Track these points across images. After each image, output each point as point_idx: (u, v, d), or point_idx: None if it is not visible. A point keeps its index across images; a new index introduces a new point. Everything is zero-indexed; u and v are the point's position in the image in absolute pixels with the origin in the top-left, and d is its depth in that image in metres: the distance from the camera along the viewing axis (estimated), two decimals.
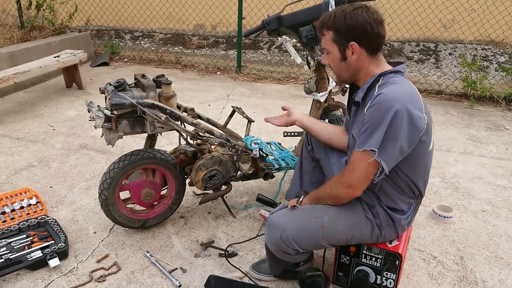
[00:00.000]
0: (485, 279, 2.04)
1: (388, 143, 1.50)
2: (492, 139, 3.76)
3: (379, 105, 1.51)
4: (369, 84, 1.62)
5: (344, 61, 1.65)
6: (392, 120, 1.47)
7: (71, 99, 4.63)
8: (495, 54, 5.99)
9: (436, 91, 5.05)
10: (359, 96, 1.66)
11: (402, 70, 1.64)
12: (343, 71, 1.69)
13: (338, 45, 1.63)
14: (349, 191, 1.62)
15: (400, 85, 1.56)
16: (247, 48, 6.89)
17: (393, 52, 6.30)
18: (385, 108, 1.49)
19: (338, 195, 1.66)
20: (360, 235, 1.73)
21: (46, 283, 1.96)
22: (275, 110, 4.28)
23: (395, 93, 1.51)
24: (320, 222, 1.68)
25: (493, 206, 2.68)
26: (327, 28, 1.63)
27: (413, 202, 1.75)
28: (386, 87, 1.55)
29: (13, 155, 3.27)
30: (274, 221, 1.72)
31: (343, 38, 1.60)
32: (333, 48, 1.65)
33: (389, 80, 1.59)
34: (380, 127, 1.49)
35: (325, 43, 1.67)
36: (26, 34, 6.17)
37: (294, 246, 1.68)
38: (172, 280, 1.97)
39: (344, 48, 1.62)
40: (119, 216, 2.22)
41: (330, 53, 1.68)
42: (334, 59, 1.68)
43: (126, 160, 2.13)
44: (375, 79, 1.61)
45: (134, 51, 6.70)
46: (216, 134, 2.32)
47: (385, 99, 1.50)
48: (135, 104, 2.00)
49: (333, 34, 1.62)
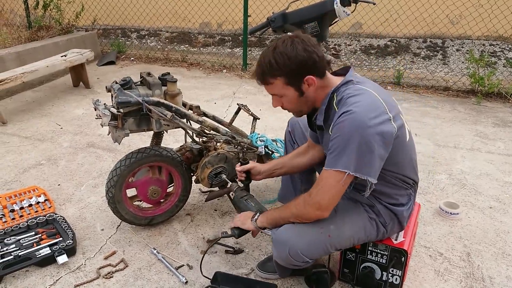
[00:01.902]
0: (492, 275, 2.03)
1: (366, 158, 1.46)
2: (500, 135, 3.73)
3: (343, 127, 1.46)
4: (326, 105, 1.60)
5: (301, 97, 1.61)
6: (361, 138, 1.44)
7: (78, 98, 4.66)
8: (503, 50, 5.93)
9: (443, 88, 5.01)
10: (319, 120, 1.63)
11: (351, 78, 1.60)
12: (303, 106, 1.66)
13: (293, 85, 1.58)
14: (318, 213, 1.58)
15: (356, 97, 1.51)
16: (253, 46, 6.89)
17: (400, 49, 6.27)
18: (350, 130, 1.45)
19: (307, 216, 1.62)
20: (366, 236, 1.73)
21: (55, 279, 1.99)
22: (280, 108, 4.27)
23: (354, 109, 1.46)
24: (327, 232, 1.65)
25: (500, 203, 2.66)
26: (273, 76, 1.57)
27: (411, 192, 1.76)
28: (345, 104, 1.51)
29: (21, 154, 3.30)
30: (281, 237, 1.67)
31: (296, 77, 1.56)
32: (287, 91, 1.60)
33: (344, 94, 1.55)
34: (348, 147, 1.45)
35: (274, 89, 1.62)
36: (34, 33, 6.22)
37: (304, 259, 1.66)
38: (178, 276, 1.98)
39: (300, 85, 1.58)
40: (126, 214, 2.24)
41: (283, 96, 1.63)
42: (290, 100, 1.63)
43: (133, 157, 2.15)
44: (329, 97, 1.59)
45: (140, 50, 6.73)
46: (221, 132, 2.32)
47: (347, 121, 1.46)
48: (141, 102, 2.02)
49: (284, 78, 1.56)
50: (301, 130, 2.15)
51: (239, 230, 1.81)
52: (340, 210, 1.69)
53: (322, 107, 1.62)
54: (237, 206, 1.98)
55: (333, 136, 1.50)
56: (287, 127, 2.22)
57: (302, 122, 2.16)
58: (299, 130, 2.16)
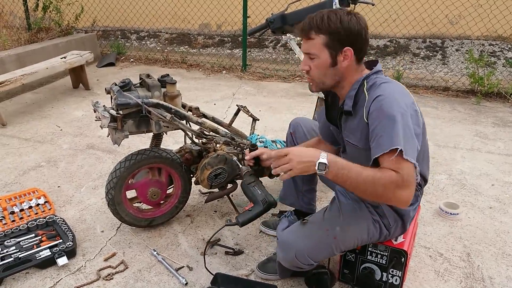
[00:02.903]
0: (492, 276, 2.03)
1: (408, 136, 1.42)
2: (500, 135, 3.73)
3: (382, 109, 1.45)
4: (356, 90, 1.58)
5: (332, 67, 1.57)
6: (403, 118, 1.42)
7: (78, 100, 4.66)
8: (503, 50, 5.94)
9: (443, 88, 5.02)
10: (348, 105, 1.59)
11: (381, 69, 1.62)
12: (328, 77, 1.60)
13: (330, 49, 1.54)
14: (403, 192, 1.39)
15: (388, 84, 1.53)
16: (252, 46, 6.90)
17: (400, 49, 6.27)
18: (390, 111, 1.43)
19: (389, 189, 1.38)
20: (369, 238, 1.73)
21: (55, 281, 1.99)
22: (280, 109, 4.28)
23: (390, 92, 1.48)
24: (333, 234, 1.64)
25: (500, 203, 2.66)
26: (318, 31, 1.53)
27: (419, 193, 1.76)
28: (378, 89, 1.51)
29: (21, 156, 3.30)
30: (287, 240, 1.67)
31: (338, 42, 1.52)
32: (322, 53, 1.55)
33: (376, 81, 1.56)
34: (394, 129, 1.40)
35: (311, 47, 1.56)
36: (33, 35, 6.23)
37: (310, 262, 1.66)
38: (178, 278, 1.98)
39: (336, 53, 1.54)
40: (126, 215, 2.24)
41: (316, 58, 1.57)
42: (320, 65, 1.57)
43: (132, 159, 2.15)
44: (360, 83, 1.58)
45: (140, 51, 6.73)
46: (221, 133, 2.33)
47: (386, 102, 1.45)
48: (140, 104, 2.02)
49: (326, 38, 1.52)
50: (303, 132, 2.14)
51: (243, 218, 1.75)
52: (345, 212, 1.69)
53: (352, 92, 1.59)
54: (244, 192, 1.92)
55: (374, 123, 1.46)
56: (289, 129, 2.21)
57: (304, 125, 2.15)
58: (301, 133, 2.15)
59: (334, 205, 1.74)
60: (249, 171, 1.94)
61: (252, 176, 1.92)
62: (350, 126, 1.64)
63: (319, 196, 2.63)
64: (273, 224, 2.35)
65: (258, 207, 1.76)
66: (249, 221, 1.76)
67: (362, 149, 1.58)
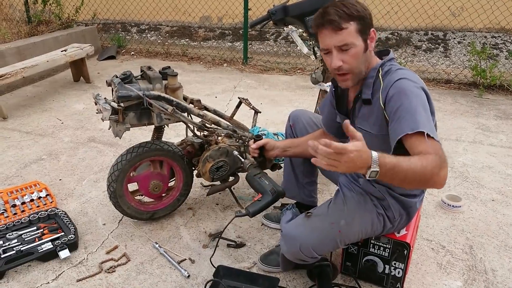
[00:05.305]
0: (495, 268, 2.03)
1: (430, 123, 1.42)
2: (502, 128, 3.71)
3: (403, 91, 1.45)
4: (373, 79, 1.57)
5: (365, 53, 1.55)
6: (422, 99, 1.45)
7: (78, 93, 4.65)
8: (505, 42, 5.90)
9: (445, 80, 4.99)
10: (367, 94, 1.58)
11: (393, 57, 1.63)
12: (363, 65, 1.56)
13: (363, 35, 1.52)
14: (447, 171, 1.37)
15: (403, 70, 1.54)
16: (253, 39, 6.86)
17: (401, 42, 6.23)
18: (411, 91, 1.44)
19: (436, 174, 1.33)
20: (373, 231, 1.72)
21: (57, 274, 1.99)
22: (282, 102, 4.27)
23: (407, 76, 1.49)
24: (338, 227, 1.63)
25: (503, 195, 2.65)
26: (350, 19, 1.48)
27: None
28: (395, 73, 1.52)
29: (22, 149, 3.30)
30: (292, 233, 1.66)
31: (367, 26, 1.52)
32: (358, 40, 1.51)
33: (391, 67, 1.56)
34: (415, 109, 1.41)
35: (346, 37, 1.50)
36: (33, 28, 6.20)
37: (314, 255, 1.66)
38: (180, 270, 1.99)
39: (367, 37, 1.54)
40: (128, 208, 2.24)
41: (352, 48, 1.51)
42: (357, 53, 1.52)
43: (134, 152, 2.14)
44: (376, 71, 1.58)
45: (140, 44, 6.70)
46: (222, 126, 2.32)
47: (406, 86, 1.46)
48: (142, 96, 2.01)
49: (358, 24, 1.50)
50: (303, 124, 2.12)
51: (254, 208, 1.73)
52: (350, 205, 1.68)
53: (369, 80, 1.59)
54: (251, 184, 1.90)
55: (393, 105, 1.46)
56: (288, 121, 2.20)
57: (304, 117, 2.14)
58: (301, 125, 2.13)
59: (338, 198, 1.73)
60: (252, 164, 1.93)
61: (257, 168, 1.91)
62: (363, 113, 1.63)
63: (320, 188, 2.62)
64: (275, 217, 2.34)
65: (267, 197, 1.74)
66: (260, 211, 1.74)
67: (374, 136, 1.59)
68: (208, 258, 2.05)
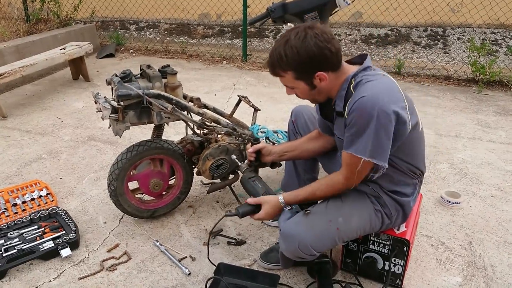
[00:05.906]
0: (494, 264, 2.04)
1: (381, 141, 1.47)
2: (502, 124, 3.72)
3: (362, 110, 1.46)
4: (345, 90, 1.58)
5: (314, 90, 1.61)
6: (378, 122, 1.44)
7: (78, 91, 4.65)
8: (505, 38, 5.90)
9: (444, 77, 4.99)
10: (339, 106, 1.61)
11: (369, 65, 1.60)
12: (316, 96, 1.66)
13: (303, 80, 1.58)
14: (345, 188, 1.64)
15: (374, 82, 1.51)
16: (252, 36, 6.85)
17: (401, 38, 6.23)
18: (368, 113, 1.44)
19: (336, 191, 1.67)
20: (371, 228, 1.73)
21: (58, 272, 2.00)
22: (281, 99, 4.27)
23: (373, 93, 1.46)
24: (336, 225, 1.64)
25: (502, 191, 2.66)
26: (283, 70, 1.57)
27: (417, 182, 1.75)
28: (362, 88, 1.50)
29: (22, 148, 3.30)
30: (290, 231, 1.67)
31: (306, 72, 1.55)
32: (298, 85, 1.61)
33: (362, 79, 1.54)
34: (365, 131, 1.46)
35: (285, 82, 1.63)
36: (32, 27, 6.19)
37: (312, 253, 1.66)
38: (181, 268, 2.00)
39: (311, 80, 1.57)
40: (128, 206, 2.24)
41: (295, 88, 1.64)
42: (302, 92, 1.64)
43: (134, 150, 2.15)
44: (348, 82, 1.57)
45: (139, 42, 6.69)
46: (222, 124, 2.32)
47: (365, 103, 1.45)
48: (141, 95, 2.01)
49: (293, 73, 1.56)
50: (305, 120, 2.14)
51: (243, 209, 1.76)
52: (347, 202, 1.69)
53: (342, 92, 1.59)
54: (244, 187, 1.94)
55: (350, 121, 1.51)
56: (291, 117, 2.21)
57: (305, 113, 2.15)
58: (302, 120, 2.15)
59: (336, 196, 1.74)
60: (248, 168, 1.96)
61: (252, 171, 1.94)
62: (338, 123, 1.68)
63: None
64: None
65: None
66: (250, 213, 1.78)
67: None
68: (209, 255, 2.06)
